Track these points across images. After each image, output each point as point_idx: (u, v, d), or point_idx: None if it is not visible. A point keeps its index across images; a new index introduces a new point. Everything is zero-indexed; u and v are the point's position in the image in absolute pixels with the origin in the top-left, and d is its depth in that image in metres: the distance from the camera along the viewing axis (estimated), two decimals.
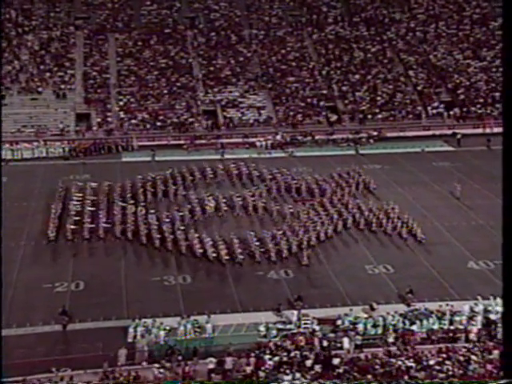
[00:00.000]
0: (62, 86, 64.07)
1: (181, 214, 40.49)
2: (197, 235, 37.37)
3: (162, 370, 25.67)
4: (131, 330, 28.62)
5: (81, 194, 43.51)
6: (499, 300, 30.76)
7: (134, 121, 61.50)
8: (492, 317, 29.85)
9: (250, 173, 48.54)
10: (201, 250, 36.13)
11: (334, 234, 39.13)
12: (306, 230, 38.37)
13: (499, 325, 29.19)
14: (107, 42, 70.69)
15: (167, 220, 39.29)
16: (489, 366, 25.40)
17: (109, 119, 61.51)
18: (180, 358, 26.70)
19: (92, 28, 72.42)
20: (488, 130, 61.88)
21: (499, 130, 61.63)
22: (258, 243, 36.68)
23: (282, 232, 38.06)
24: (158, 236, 37.51)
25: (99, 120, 61.34)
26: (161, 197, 44.36)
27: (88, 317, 30.00)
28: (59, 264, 35.60)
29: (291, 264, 35.77)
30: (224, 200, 42.78)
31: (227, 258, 35.48)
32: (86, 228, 38.76)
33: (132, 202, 42.11)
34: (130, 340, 28.34)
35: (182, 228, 38.35)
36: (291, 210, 41.51)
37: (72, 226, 38.68)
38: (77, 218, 39.76)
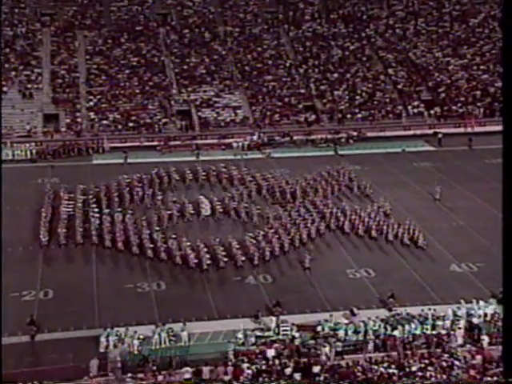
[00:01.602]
0: (29, 86, 63.40)
1: (156, 217, 40.50)
2: (174, 240, 37.28)
3: (135, 382, 25.51)
4: (103, 339, 28.40)
5: (72, 196, 43.45)
6: (482, 303, 31.16)
7: (104, 121, 61.11)
8: (475, 321, 30.18)
9: (230, 175, 48.44)
10: (178, 255, 36.07)
11: (316, 236, 39.30)
12: (288, 232, 38.57)
13: (482, 329, 29.58)
14: (75, 40, 70.10)
15: (144, 224, 39.18)
16: (472, 372, 25.66)
17: (78, 120, 61.05)
18: (154, 368, 26.54)
19: (59, 25, 71.76)
20: (469, 130, 62.64)
21: (480, 129, 62.62)
22: (238, 247, 36.68)
23: (262, 235, 38.10)
24: (136, 241, 37.36)
25: (68, 121, 60.86)
26: (137, 200, 44.18)
27: (57, 326, 29.69)
28: (27, 271, 35.19)
29: (270, 269, 35.81)
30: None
31: (208, 262, 35.44)
32: (78, 232, 38.68)
33: (107, 209, 41.97)
34: (101, 350, 28.13)
35: (159, 232, 38.24)
36: (274, 213, 41.54)
37: (64, 230, 38.57)
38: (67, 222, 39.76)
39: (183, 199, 43.30)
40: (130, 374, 26.00)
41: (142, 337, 28.62)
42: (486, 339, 28.62)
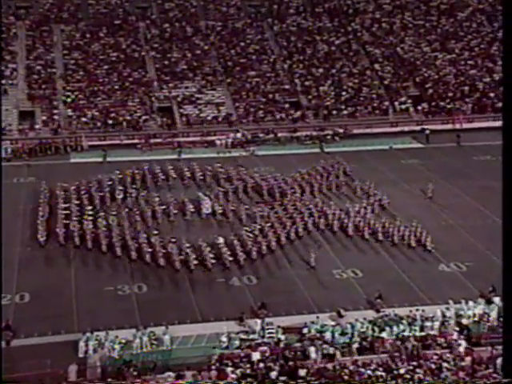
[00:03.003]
0: (3, 82, 62.87)
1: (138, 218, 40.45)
2: (160, 241, 37.26)
3: None
4: (82, 344, 28.26)
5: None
6: (471, 304, 31.38)
7: (83, 119, 60.73)
8: (464, 321, 30.38)
9: (216, 174, 48.40)
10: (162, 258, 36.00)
11: (298, 236, 39.39)
12: (274, 231, 38.70)
13: (472, 330, 29.79)
14: (52, 34, 69.66)
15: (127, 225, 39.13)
16: (461, 373, 25.82)
17: (55, 117, 60.64)
18: (136, 373, 26.44)
19: (35, 18, 71.25)
20: (457, 126, 63.04)
21: (469, 125, 63.04)
22: (226, 249, 36.66)
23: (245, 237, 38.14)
24: (119, 243, 37.29)
25: (45, 118, 60.44)
26: (120, 199, 44.10)
27: (34, 331, 29.49)
28: (3, 275, 34.86)
29: (254, 270, 35.82)
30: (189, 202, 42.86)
31: (195, 263, 35.48)
32: (76, 233, 38.51)
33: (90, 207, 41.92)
34: (80, 355, 28.01)
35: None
36: (261, 213, 41.56)
37: (63, 230, 38.44)
38: (66, 222, 39.57)
39: (182, 197, 43.33)
40: (110, 380, 25.85)
41: (122, 341, 28.51)
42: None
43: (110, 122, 60.59)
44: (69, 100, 61.86)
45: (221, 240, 37.56)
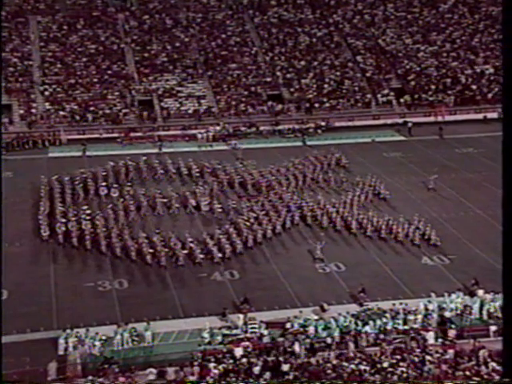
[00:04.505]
0: None
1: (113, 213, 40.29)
2: (140, 236, 37.16)
3: None
4: (62, 341, 28.14)
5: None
6: (454, 297, 31.63)
7: (61, 112, 60.28)
8: (447, 314, 30.61)
9: (200, 167, 48.27)
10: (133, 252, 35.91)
11: (282, 230, 39.45)
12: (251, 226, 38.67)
13: (455, 323, 30.02)
14: (28, 26, 69.00)
15: (102, 220, 38.87)
16: (444, 367, 26.05)
17: (33, 111, 60.13)
18: (117, 370, 26.37)
19: (10, 10, 70.43)
20: (440, 118, 63.41)
21: (451, 117, 63.43)
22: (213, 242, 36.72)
23: (225, 231, 38.15)
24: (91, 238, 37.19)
25: (22, 112, 59.89)
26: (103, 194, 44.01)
27: (13, 329, 29.11)
28: None
29: (236, 264, 35.84)
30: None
31: (165, 257, 35.38)
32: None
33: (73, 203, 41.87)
34: (60, 352, 27.91)
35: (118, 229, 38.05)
36: (243, 207, 41.61)
37: (63, 228, 38.16)
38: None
39: (170, 192, 43.35)
40: (90, 377, 25.75)
41: (103, 338, 28.41)
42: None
43: (90, 115, 60.20)
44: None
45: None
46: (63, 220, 38.91)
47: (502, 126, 14.66)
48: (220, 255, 35.90)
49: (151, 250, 35.82)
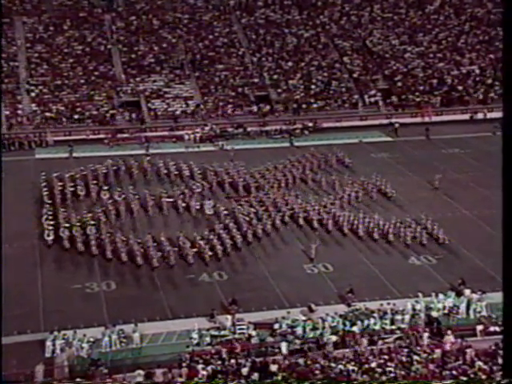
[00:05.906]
0: None
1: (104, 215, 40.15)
2: (123, 238, 37.05)
3: None
4: (49, 343, 28.02)
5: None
6: (441, 296, 31.81)
7: (48, 113, 60.02)
8: (434, 314, 30.77)
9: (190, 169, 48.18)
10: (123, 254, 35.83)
11: (270, 230, 39.49)
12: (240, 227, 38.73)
13: (442, 323, 30.19)
14: (14, 27, 68.62)
15: (92, 222, 38.74)
16: (431, 366, 26.16)
17: (19, 112, 59.81)
18: (105, 371, 26.29)
19: None
20: (426, 119, 63.71)
21: (437, 118, 63.78)
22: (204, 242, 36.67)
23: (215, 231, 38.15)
24: (82, 239, 37.06)
25: (8, 113, 59.57)
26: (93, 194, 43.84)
27: None
28: None
29: (224, 265, 35.84)
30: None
31: (156, 260, 35.30)
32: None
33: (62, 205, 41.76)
34: (48, 355, 27.78)
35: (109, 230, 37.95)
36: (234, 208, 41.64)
37: (67, 233, 37.80)
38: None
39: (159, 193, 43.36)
40: (78, 379, 25.65)
41: (91, 340, 28.29)
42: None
43: (76, 116, 59.97)
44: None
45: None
46: (52, 222, 38.69)
47: (502, 126, 14.80)
48: (210, 253, 35.88)
49: (142, 250, 35.77)
